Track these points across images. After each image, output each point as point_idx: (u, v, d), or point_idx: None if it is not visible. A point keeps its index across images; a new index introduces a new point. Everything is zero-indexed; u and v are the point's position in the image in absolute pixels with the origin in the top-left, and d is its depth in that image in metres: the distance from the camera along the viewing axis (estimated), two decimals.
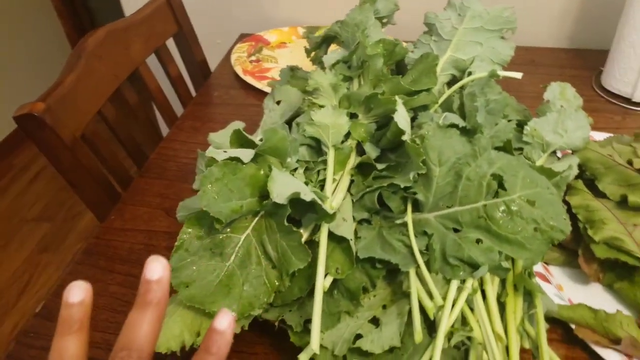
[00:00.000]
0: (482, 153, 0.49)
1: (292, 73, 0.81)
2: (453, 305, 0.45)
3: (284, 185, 0.48)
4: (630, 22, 0.89)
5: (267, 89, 1.01)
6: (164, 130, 1.06)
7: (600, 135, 0.74)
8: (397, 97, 0.53)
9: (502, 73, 0.56)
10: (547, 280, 0.57)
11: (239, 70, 1.10)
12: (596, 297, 0.56)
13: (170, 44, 1.12)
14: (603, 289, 0.57)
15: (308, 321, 0.48)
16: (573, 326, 0.52)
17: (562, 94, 0.67)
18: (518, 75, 0.56)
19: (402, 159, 0.54)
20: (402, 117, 0.50)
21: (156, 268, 0.31)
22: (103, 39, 0.90)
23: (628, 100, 0.93)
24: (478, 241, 0.47)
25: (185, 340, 0.46)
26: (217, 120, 0.97)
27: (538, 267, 0.59)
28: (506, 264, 0.45)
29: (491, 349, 0.43)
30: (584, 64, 1.07)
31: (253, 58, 1.16)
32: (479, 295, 0.47)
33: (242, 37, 1.27)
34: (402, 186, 0.50)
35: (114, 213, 0.75)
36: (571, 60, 1.10)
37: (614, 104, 0.93)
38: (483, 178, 0.48)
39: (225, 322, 0.31)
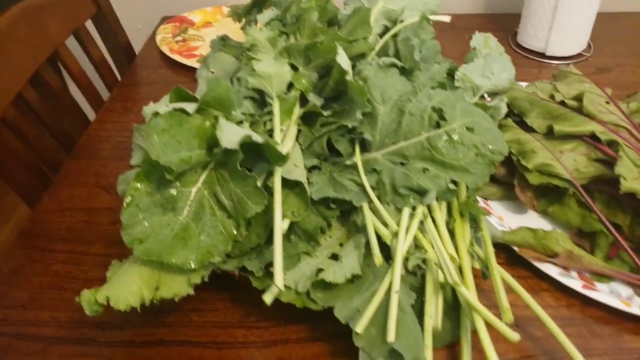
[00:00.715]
0: (421, 89, 0.51)
1: (224, 42, 0.80)
2: (407, 232, 0.47)
3: (232, 132, 0.48)
4: None
5: (197, 65, 0.99)
6: (91, 115, 1.01)
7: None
8: (336, 44, 0.54)
9: (433, 17, 0.59)
10: (489, 213, 0.60)
11: (165, 50, 1.06)
12: (533, 223, 0.60)
13: (91, 27, 1.07)
14: (538, 216, 0.62)
15: (268, 266, 0.49)
16: (516, 249, 0.56)
17: (485, 43, 0.71)
18: (447, 18, 0.59)
19: (345, 106, 0.55)
20: (343, 59, 0.51)
21: None
22: (16, 18, 0.84)
23: (542, 55, 1.00)
24: (425, 170, 0.49)
25: (144, 295, 0.45)
26: (149, 99, 0.93)
27: (479, 203, 0.62)
28: (452, 187, 0.47)
29: (447, 266, 0.45)
30: (500, 26, 1.14)
31: (179, 38, 1.13)
32: (429, 221, 0.49)
33: (165, 20, 1.23)
34: (349, 127, 0.51)
35: (47, 195, 0.71)
36: (487, 24, 1.17)
37: (530, 59, 1.00)
38: (424, 112, 0.50)
39: None
